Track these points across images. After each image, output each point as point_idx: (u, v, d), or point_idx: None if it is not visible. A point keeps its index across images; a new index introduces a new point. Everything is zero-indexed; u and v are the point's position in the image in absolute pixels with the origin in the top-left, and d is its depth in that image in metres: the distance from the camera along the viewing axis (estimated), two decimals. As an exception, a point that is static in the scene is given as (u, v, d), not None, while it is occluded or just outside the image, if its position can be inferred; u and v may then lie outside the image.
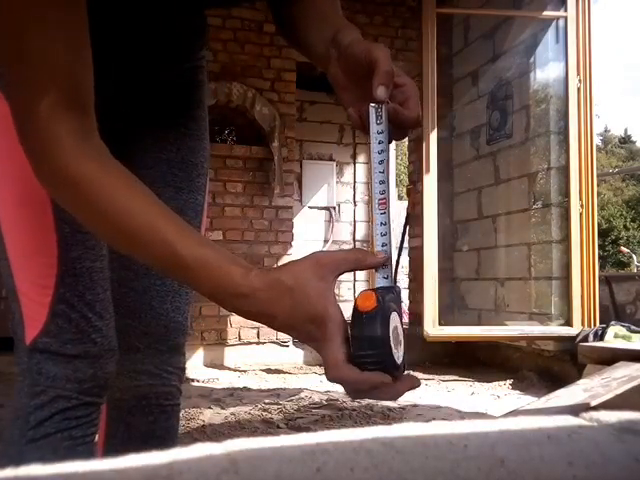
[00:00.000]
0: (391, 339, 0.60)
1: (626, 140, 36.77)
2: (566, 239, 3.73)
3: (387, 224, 0.67)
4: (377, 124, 0.69)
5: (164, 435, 1.02)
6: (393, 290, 0.65)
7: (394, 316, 0.62)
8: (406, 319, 5.37)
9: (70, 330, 0.83)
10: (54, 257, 0.83)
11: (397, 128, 0.71)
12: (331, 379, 0.62)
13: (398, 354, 0.62)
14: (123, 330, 0.95)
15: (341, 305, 0.63)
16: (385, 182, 0.68)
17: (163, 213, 0.67)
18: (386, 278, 0.66)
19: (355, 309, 0.61)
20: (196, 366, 4.25)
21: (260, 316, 0.64)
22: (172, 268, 0.66)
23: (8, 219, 0.84)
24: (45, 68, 0.63)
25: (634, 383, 2.15)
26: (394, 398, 0.64)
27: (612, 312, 3.76)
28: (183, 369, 1.05)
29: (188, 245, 0.65)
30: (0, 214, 0.84)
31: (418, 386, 0.65)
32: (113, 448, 0.99)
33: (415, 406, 2.98)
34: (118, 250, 0.72)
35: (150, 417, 1.00)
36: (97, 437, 0.89)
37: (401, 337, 0.63)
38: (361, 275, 6.29)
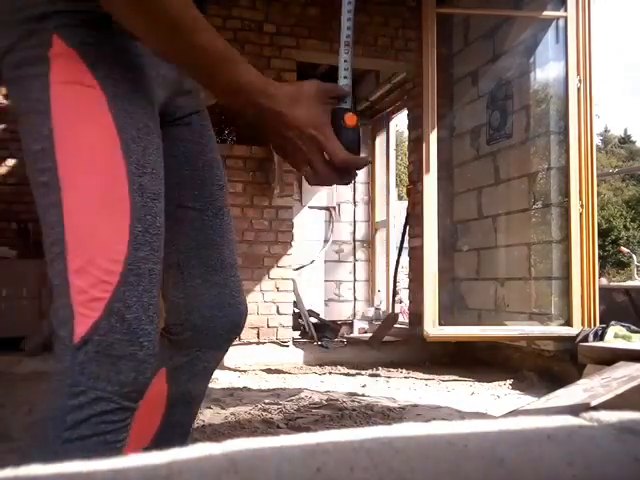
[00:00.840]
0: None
1: (626, 140, 36.78)
2: (566, 239, 3.73)
3: (348, 61, 0.95)
4: None
5: (202, 396, 1.15)
6: (356, 112, 0.93)
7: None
8: (406, 319, 5.37)
9: (121, 330, 0.82)
10: (123, 254, 0.83)
11: None
12: (343, 158, 0.88)
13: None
14: (210, 320, 1.05)
15: (342, 305, 0.63)
16: (351, 28, 0.95)
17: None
18: (345, 102, 0.93)
19: (344, 125, 0.90)
20: (196, 366, 4.24)
21: (273, 115, 0.86)
22: (209, 57, 0.81)
23: (83, 216, 0.83)
24: None
25: (634, 383, 2.15)
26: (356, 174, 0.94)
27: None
28: None
29: (227, 43, 0.82)
30: (70, 213, 0.83)
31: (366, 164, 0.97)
32: (172, 419, 1.08)
33: (415, 406, 2.98)
34: (156, 42, 0.82)
35: (205, 382, 1.13)
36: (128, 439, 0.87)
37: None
38: (361, 276, 6.30)
